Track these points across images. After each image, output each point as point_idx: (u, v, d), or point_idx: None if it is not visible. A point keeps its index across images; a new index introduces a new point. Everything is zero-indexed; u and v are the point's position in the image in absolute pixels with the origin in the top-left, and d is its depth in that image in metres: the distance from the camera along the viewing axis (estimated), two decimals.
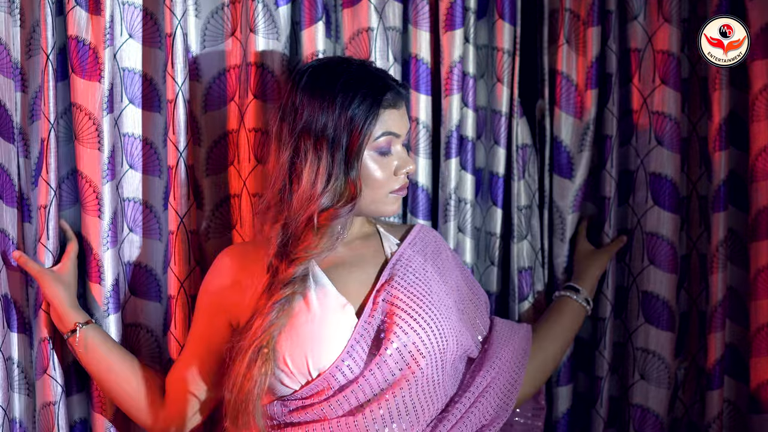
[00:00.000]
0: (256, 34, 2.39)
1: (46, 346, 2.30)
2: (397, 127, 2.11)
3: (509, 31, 2.58)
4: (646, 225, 2.59)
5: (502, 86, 2.59)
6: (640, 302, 2.60)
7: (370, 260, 2.21)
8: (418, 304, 2.11)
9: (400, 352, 2.06)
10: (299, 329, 2.06)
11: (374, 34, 2.49)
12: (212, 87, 2.45)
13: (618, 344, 2.65)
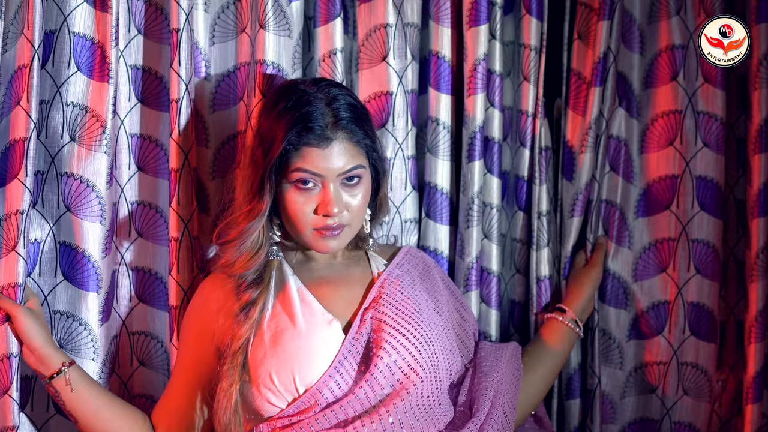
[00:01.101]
0: (267, 30, 2.31)
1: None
2: (315, 167, 2.05)
3: (536, 26, 2.49)
4: (692, 232, 2.49)
5: (529, 85, 2.50)
6: (686, 315, 2.50)
7: (356, 280, 2.20)
8: (407, 320, 2.10)
9: (391, 369, 2.04)
10: (285, 345, 2.05)
11: (392, 30, 2.43)
12: (221, 85, 2.37)
13: (655, 364, 2.55)
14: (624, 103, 2.49)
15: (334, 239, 2.11)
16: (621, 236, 2.52)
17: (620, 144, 2.49)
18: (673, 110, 2.47)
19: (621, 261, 2.52)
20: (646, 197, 2.50)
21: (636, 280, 2.52)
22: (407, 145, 2.49)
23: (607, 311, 2.54)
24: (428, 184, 2.51)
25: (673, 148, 2.48)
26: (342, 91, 2.12)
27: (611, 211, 2.51)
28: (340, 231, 2.10)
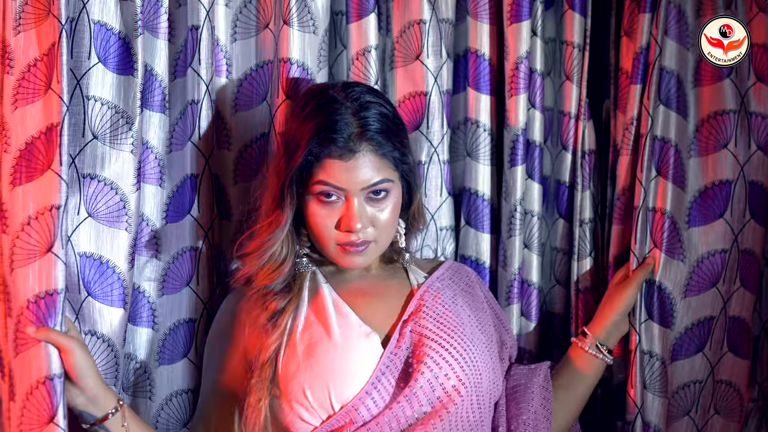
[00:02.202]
0: (290, 26, 2.19)
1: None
2: (337, 180, 1.97)
3: (579, 22, 2.38)
4: (743, 242, 2.33)
5: (571, 84, 2.39)
6: (726, 330, 2.35)
7: (394, 292, 2.12)
8: (449, 335, 2.01)
9: (431, 385, 1.96)
10: (320, 358, 1.96)
11: (426, 27, 2.33)
12: (243, 85, 2.26)
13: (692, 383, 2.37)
14: (671, 101, 2.28)
15: (358, 255, 2.03)
16: (673, 248, 2.30)
17: (667, 146, 2.28)
18: (725, 110, 2.29)
19: (672, 275, 2.30)
20: (699, 205, 2.31)
21: (685, 296, 2.31)
22: (443, 148, 2.39)
23: (653, 330, 2.31)
24: (468, 190, 2.43)
25: (727, 151, 2.30)
26: (374, 99, 2.02)
27: (660, 220, 2.28)
28: (365, 247, 2.02)
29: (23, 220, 1.85)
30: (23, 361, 1.84)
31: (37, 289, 1.84)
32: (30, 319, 1.83)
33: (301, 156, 1.96)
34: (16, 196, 1.86)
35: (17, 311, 1.84)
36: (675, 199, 2.28)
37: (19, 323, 1.83)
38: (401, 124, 2.06)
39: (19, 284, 1.84)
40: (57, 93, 1.86)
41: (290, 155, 1.99)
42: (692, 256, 2.30)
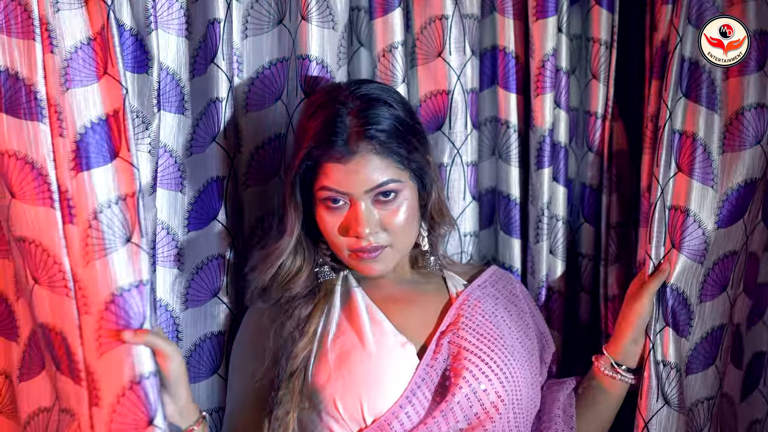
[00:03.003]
0: (309, 21, 2.13)
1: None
2: (337, 184, 1.90)
3: (607, 18, 2.29)
4: (751, 244, 2.20)
5: (598, 83, 2.31)
6: (733, 339, 2.23)
7: (431, 299, 2.06)
8: (489, 347, 1.95)
9: (469, 400, 1.90)
10: (353, 368, 1.90)
11: (449, 22, 2.27)
12: (255, 83, 2.17)
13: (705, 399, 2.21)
14: (694, 92, 2.13)
15: (374, 262, 1.96)
16: (696, 250, 2.12)
17: (689, 140, 2.12)
18: (759, 103, 2.13)
19: (692, 279, 2.13)
20: (732, 204, 2.13)
21: (701, 301, 2.16)
22: (466, 149, 2.32)
23: (670, 338, 2.13)
24: (501, 194, 2.39)
25: (760, 147, 2.14)
26: (380, 96, 1.94)
27: (680, 218, 2.11)
28: (379, 253, 1.95)
29: (94, 209, 1.70)
30: (109, 362, 1.68)
31: (119, 282, 1.69)
32: (115, 316, 1.68)
33: (299, 160, 1.91)
34: (81, 183, 1.71)
35: (97, 308, 1.69)
36: (700, 197, 2.12)
37: (102, 320, 1.68)
38: (411, 121, 1.97)
39: (98, 278, 1.69)
40: (115, 77, 1.75)
41: (292, 160, 1.95)
42: (711, 258, 2.14)
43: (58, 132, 1.72)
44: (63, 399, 1.78)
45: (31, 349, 1.84)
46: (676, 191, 2.10)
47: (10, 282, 1.85)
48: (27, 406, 1.85)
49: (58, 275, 1.71)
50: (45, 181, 1.71)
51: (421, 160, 1.95)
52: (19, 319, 1.85)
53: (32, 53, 1.72)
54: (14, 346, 1.86)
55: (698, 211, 2.09)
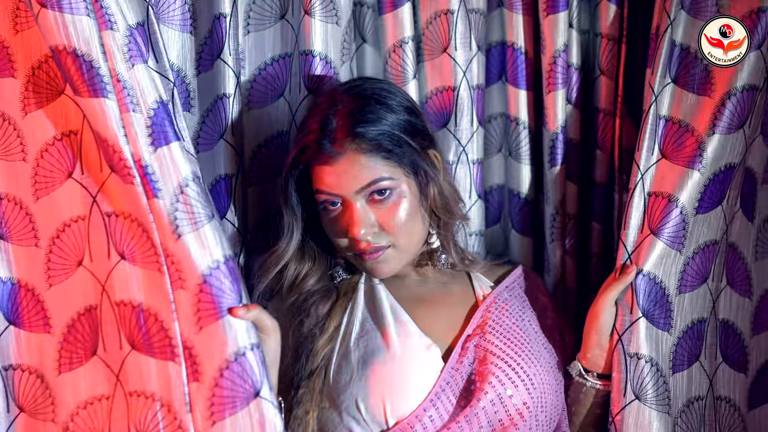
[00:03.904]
0: (312, 16, 2.11)
1: None
2: (327, 186, 1.90)
3: (615, 13, 2.25)
4: (731, 234, 2.12)
5: (606, 79, 2.27)
6: (719, 335, 2.14)
7: (457, 301, 2.04)
8: (516, 352, 1.93)
9: (494, 406, 1.88)
10: (376, 369, 1.88)
11: (454, 17, 2.24)
12: (257, 80, 2.14)
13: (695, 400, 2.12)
14: (687, 80, 2.06)
15: (379, 263, 1.95)
16: (675, 236, 2.02)
17: (677, 126, 2.04)
18: (751, 85, 2.05)
19: (670, 269, 2.03)
20: (711, 189, 2.04)
21: (680, 292, 2.07)
22: (472, 147, 2.29)
23: (642, 331, 2.02)
24: (511, 191, 2.38)
25: (742, 132, 2.07)
26: (375, 92, 1.93)
27: (661, 205, 2.02)
28: (381, 254, 1.93)
29: (179, 183, 1.67)
30: (209, 336, 1.66)
31: (214, 255, 1.66)
32: (214, 288, 1.65)
33: (289, 163, 1.91)
34: (162, 157, 1.67)
35: (195, 282, 1.65)
36: (685, 183, 2.02)
37: (201, 293, 1.65)
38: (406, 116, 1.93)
39: (192, 252, 1.65)
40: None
41: (284, 163, 1.94)
42: (690, 248, 2.05)
43: (125, 108, 1.67)
44: (134, 381, 1.73)
45: (72, 337, 1.79)
46: (659, 177, 2.02)
47: (38, 271, 1.80)
48: (73, 396, 1.79)
49: (150, 250, 1.68)
50: (121, 157, 1.67)
51: (414, 156, 1.92)
52: (49, 309, 1.80)
53: (92, 31, 1.66)
54: (46, 338, 1.81)
55: (681, 196, 2.00)
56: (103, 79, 1.65)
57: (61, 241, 1.77)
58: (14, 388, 1.81)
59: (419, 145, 1.93)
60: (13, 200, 1.78)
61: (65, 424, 1.79)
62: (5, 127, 1.76)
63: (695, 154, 2.00)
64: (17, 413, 1.81)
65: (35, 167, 1.76)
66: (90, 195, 1.73)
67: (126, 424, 1.73)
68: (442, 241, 2.04)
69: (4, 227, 1.79)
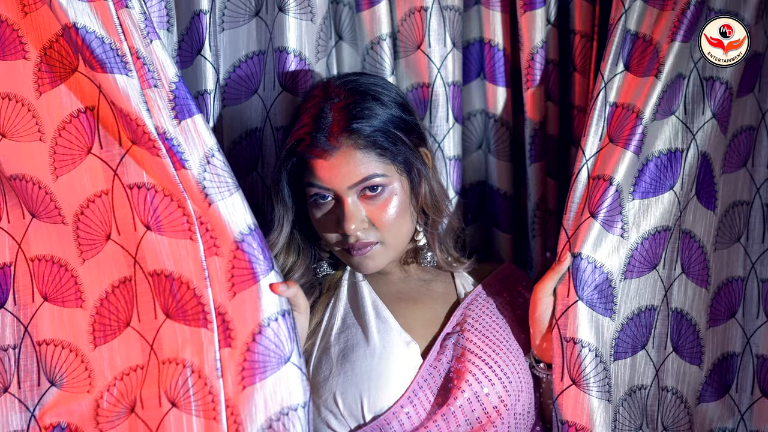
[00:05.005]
0: (286, 13, 2.11)
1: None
2: (321, 180, 1.89)
3: (587, 10, 2.25)
4: (685, 221, 2.08)
5: (579, 76, 2.27)
6: (669, 325, 2.09)
7: (438, 298, 2.04)
8: (495, 351, 1.94)
9: (471, 404, 1.88)
10: (356, 364, 1.89)
11: (428, 14, 2.24)
12: (231, 77, 2.14)
13: (637, 389, 2.09)
14: (638, 66, 2.03)
15: (366, 259, 1.94)
16: (612, 219, 1.98)
17: (626, 111, 2.01)
18: (679, 74, 2.04)
19: (611, 253, 1.97)
20: (651, 173, 2.02)
21: (625, 278, 2.00)
22: (449, 144, 2.28)
23: (580, 315, 1.95)
24: (491, 188, 2.38)
25: (674, 118, 2.06)
26: (368, 89, 1.93)
27: (601, 189, 1.98)
28: (369, 249, 1.92)
29: (205, 153, 1.70)
30: (243, 301, 1.69)
31: (246, 221, 1.69)
32: (248, 255, 1.68)
33: (283, 155, 1.91)
34: (187, 129, 1.71)
35: (228, 248, 1.69)
36: (627, 167, 1.99)
37: (235, 260, 1.69)
38: (400, 113, 1.94)
39: (225, 219, 1.69)
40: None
41: (278, 155, 1.93)
42: (636, 233, 2.01)
43: (147, 84, 1.70)
44: (168, 349, 1.75)
45: (106, 309, 1.80)
46: (601, 160, 1.99)
47: (70, 246, 1.81)
48: (110, 369, 1.80)
49: (180, 219, 1.71)
50: (144, 130, 1.68)
51: (408, 154, 1.92)
52: (83, 284, 1.81)
53: (105, 11, 1.69)
54: (79, 312, 1.81)
55: (617, 176, 1.97)
56: (118, 54, 1.67)
57: (87, 218, 1.78)
58: (46, 362, 1.81)
59: (412, 143, 1.94)
60: (31, 180, 1.78)
61: (100, 394, 1.80)
62: (19, 108, 1.77)
63: (632, 134, 1.98)
64: (48, 386, 1.82)
65: (53, 146, 1.76)
66: (111, 169, 1.75)
67: (157, 391, 1.75)
68: (428, 240, 2.04)
69: (32, 205, 1.80)
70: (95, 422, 1.78)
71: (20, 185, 1.79)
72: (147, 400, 1.76)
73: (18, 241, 1.81)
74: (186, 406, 1.71)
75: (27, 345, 1.81)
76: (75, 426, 1.79)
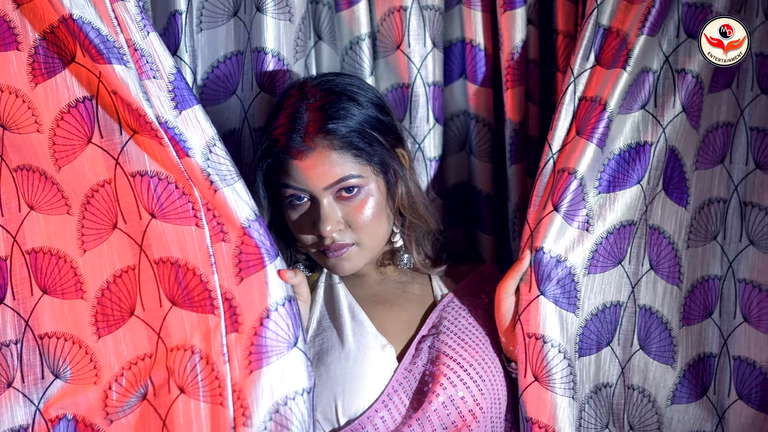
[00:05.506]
0: (264, 13, 2.10)
1: None
2: (296, 181, 1.88)
3: (569, 10, 2.23)
4: (651, 216, 2.05)
5: (562, 76, 2.24)
6: (637, 321, 2.06)
7: (415, 300, 2.03)
8: (470, 353, 1.92)
9: (446, 408, 1.87)
10: (330, 367, 1.89)
11: (407, 14, 2.23)
12: (209, 77, 2.12)
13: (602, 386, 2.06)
14: (609, 59, 2.00)
15: (342, 261, 1.92)
16: (574, 212, 1.95)
17: (595, 104, 1.98)
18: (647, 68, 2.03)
19: (574, 247, 1.94)
20: (613, 166, 1.99)
21: (589, 272, 1.96)
22: (429, 144, 2.27)
23: (541, 310, 1.92)
24: (473, 189, 2.36)
25: (644, 111, 2.04)
26: (344, 89, 1.92)
27: (563, 181, 1.96)
28: (345, 251, 1.91)
29: (206, 143, 1.74)
30: (250, 286, 1.73)
31: (249, 208, 1.73)
32: (255, 240, 1.72)
33: (259, 156, 1.90)
34: (189, 119, 1.74)
35: (236, 234, 1.72)
36: (591, 160, 1.96)
37: (243, 245, 1.72)
38: (377, 113, 1.93)
39: (232, 205, 1.72)
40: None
41: (254, 156, 1.91)
42: (601, 227, 1.97)
43: (146, 75, 1.73)
44: (175, 337, 1.77)
45: (107, 299, 1.80)
46: (566, 153, 1.97)
47: (71, 239, 1.80)
48: (117, 359, 1.80)
49: (185, 206, 1.73)
50: (146, 120, 1.70)
51: (384, 154, 1.91)
52: (83, 275, 1.80)
53: (101, 4, 1.71)
54: (80, 303, 1.81)
55: (585, 173, 1.95)
56: (115, 46, 1.68)
57: (93, 207, 1.78)
58: (49, 355, 1.81)
59: (389, 143, 1.92)
60: (38, 171, 1.78)
61: (108, 384, 1.80)
62: (13, 100, 1.76)
63: (596, 126, 1.96)
64: (52, 380, 1.81)
65: (52, 137, 1.76)
66: (112, 158, 1.75)
67: (166, 377, 1.76)
68: (405, 241, 2.02)
69: (33, 198, 1.79)
70: (104, 413, 1.79)
71: (26, 175, 1.79)
72: (158, 387, 1.77)
73: (13, 235, 1.80)
74: (194, 392, 1.73)
75: (29, 339, 1.80)
76: (82, 417, 1.79)
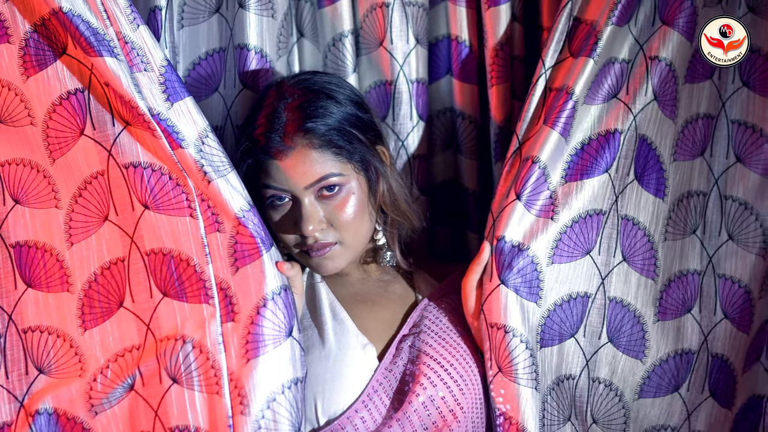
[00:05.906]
0: (247, 9, 2.09)
1: None
2: (275, 181, 1.87)
3: (554, 5, 2.20)
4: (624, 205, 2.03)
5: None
6: (606, 313, 2.04)
7: (396, 299, 2.02)
8: (451, 353, 1.91)
9: (427, 408, 1.86)
10: (310, 366, 1.87)
11: (390, 10, 2.23)
12: (191, 74, 2.11)
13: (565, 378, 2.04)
14: (578, 50, 2.00)
15: (325, 260, 1.91)
16: (534, 199, 1.93)
17: (563, 93, 1.97)
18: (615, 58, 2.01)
19: (537, 236, 1.93)
20: (580, 154, 1.98)
21: (553, 262, 1.95)
22: (413, 142, 2.27)
23: (503, 299, 1.92)
24: (459, 187, 2.34)
25: (617, 100, 2.01)
26: (325, 86, 1.91)
27: (525, 168, 1.95)
28: (328, 250, 1.90)
29: (199, 135, 1.75)
30: (246, 276, 1.76)
31: (243, 199, 1.77)
32: (250, 230, 1.76)
33: (239, 157, 1.88)
34: (180, 112, 1.76)
35: (231, 224, 1.76)
36: (554, 149, 1.95)
37: (238, 234, 1.76)
38: (355, 111, 1.92)
39: (226, 196, 1.75)
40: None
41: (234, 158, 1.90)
42: (566, 216, 1.96)
43: (137, 68, 1.74)
44: (166, 328, 1.77)
45: (95, 292, 1.80)
46: (531, 142, 1.96)
47: (57, 232, 1.80)
48: (103, 351, 1.79)
49: (179, 197, 1.75)
50: (139, 112, 1.71)
51: (364, 152, 1.90)
52: (69, 267, 1.79)
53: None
54: (65, 296, 1.79)
55: (547, 160, 1.94)
56: (105, 39, 1.69)
57: (85, 199, 1.78)
58: (33, 350, 1.79)
59: (369, 141, 1.92)
60: (29, 164, 1.78)
61: (93, 377, 1.79)
62: (6, 93, 1.76)
63: (560, 114, 1.95)
64: (36, 375, 1.80)
65: (45, 129, 1.76)
66: (105, 149, 1.76)
67: (156, 368, 1.77)
68: (387, 239, 2.02)
69: (20, 191, 1.79)
70: (88, 405, 1.78)
71: (14, 169, 1.78)
72: (147, 378, 1.77)
73: None
74: (188, 381, 1.74)
75: (12, 334, 1.78)
76: (63, 411, 1.78)
